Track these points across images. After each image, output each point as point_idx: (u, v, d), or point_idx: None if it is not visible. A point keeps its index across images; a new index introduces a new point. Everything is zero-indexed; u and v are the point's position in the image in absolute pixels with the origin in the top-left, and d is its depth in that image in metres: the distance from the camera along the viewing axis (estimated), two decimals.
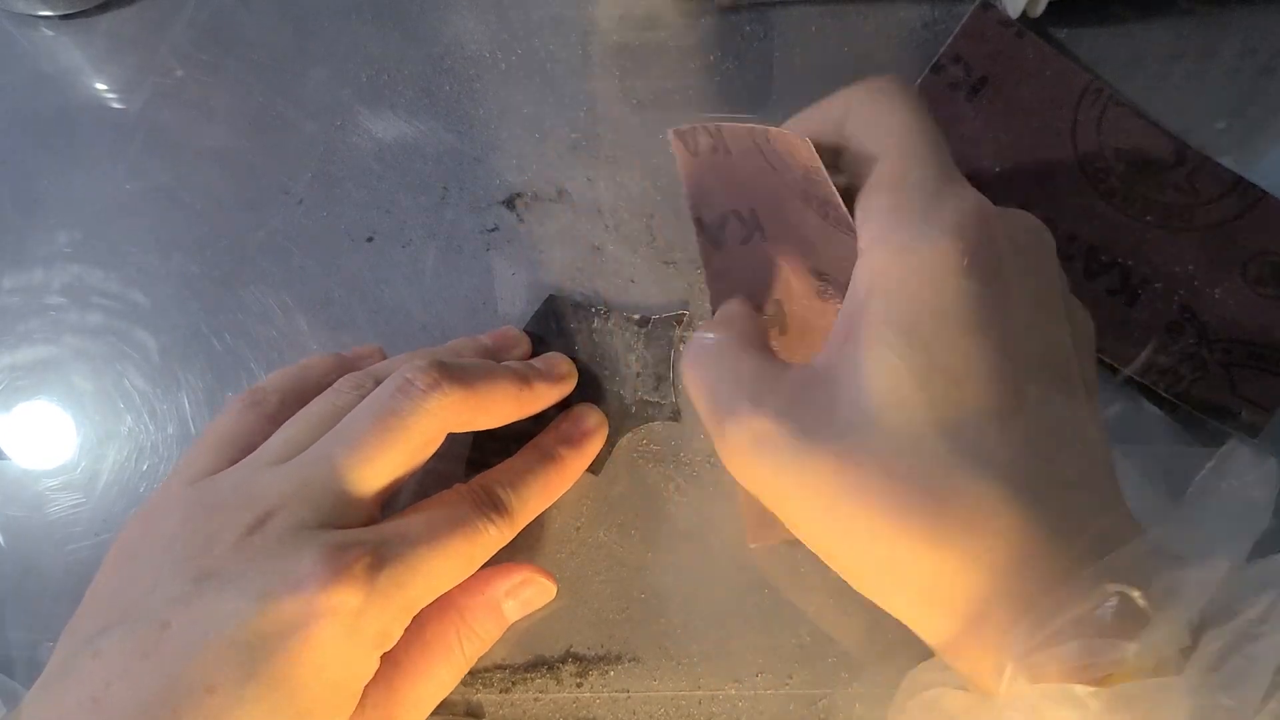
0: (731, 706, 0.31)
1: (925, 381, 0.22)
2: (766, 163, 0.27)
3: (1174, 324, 0.32)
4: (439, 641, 0.28)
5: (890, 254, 0.23)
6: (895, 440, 0.22)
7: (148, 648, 0.23)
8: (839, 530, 0.23)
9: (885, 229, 0.23)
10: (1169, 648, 0.19)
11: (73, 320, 0.36)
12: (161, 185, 0.37)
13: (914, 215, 0.23)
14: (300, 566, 0.24)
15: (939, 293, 0.22)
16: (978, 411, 0.21)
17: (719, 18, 0.37)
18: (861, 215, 0.24)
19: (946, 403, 0.21)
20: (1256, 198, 0.33)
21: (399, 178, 0.36)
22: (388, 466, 0.26)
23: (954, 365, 0.22)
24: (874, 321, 0.23)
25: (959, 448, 0.21)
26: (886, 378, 0.22)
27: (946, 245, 0.22)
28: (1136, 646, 0.19)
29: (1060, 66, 0.34)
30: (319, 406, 0.28)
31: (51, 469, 0.34)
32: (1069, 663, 0.19)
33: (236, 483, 0.26)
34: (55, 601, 0.33)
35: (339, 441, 0.26)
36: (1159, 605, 0.19)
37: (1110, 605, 0.19)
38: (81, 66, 0.38)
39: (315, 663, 0.24)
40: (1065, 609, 0.20)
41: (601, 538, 0.32)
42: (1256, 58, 0.35)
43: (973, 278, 0.22)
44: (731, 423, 0.24)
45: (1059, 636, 0.19)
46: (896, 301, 0.22)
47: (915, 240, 0.23)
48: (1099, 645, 0.19)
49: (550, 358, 0.32)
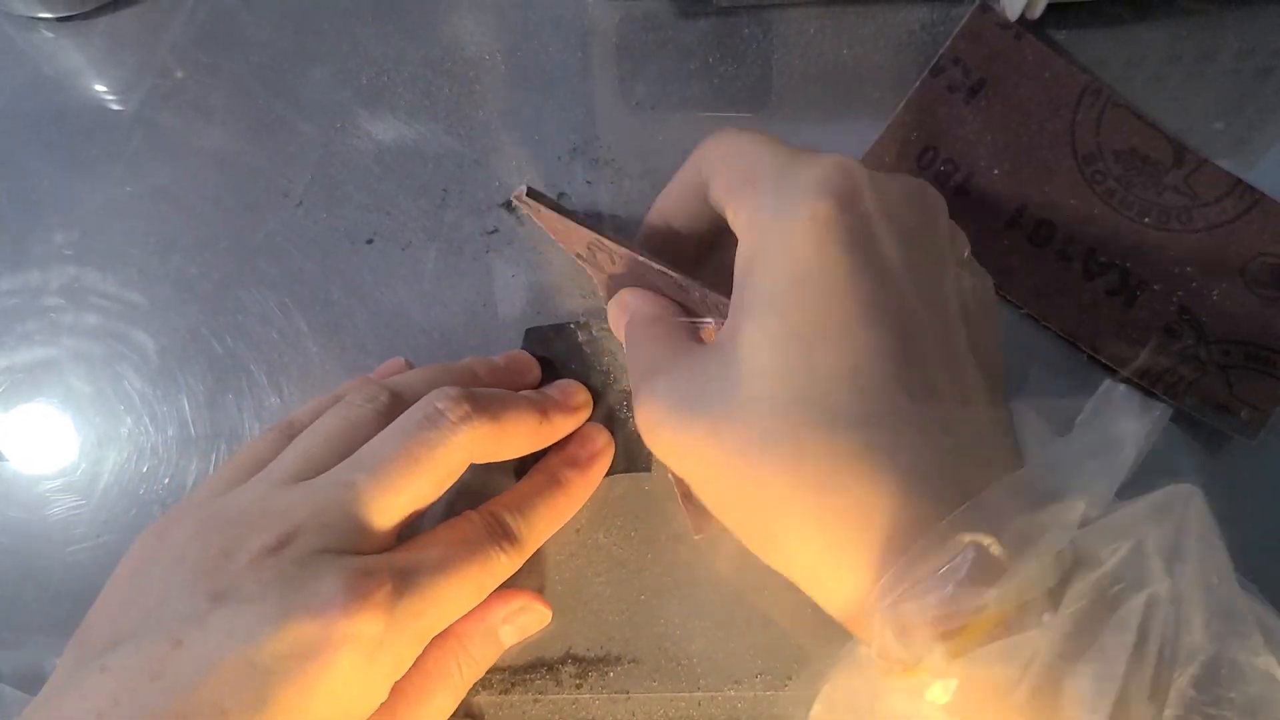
0: (731, 707, 0.31)
1: (781, 347, 0.22)
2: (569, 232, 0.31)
3: (1172, 325, 0.32)
4: (438, 668, 0.28)
5: (756, 233, 0.24)
6: (757, 407, 0.22)
7: (158, 666, 0.23)
8: (726, 500, 0.24)
9: (749, 212, 0.24)
10: (1028, 592, 0.19)
11: (71, 322, 0.36)
12: (160, 186, 0.37)
13: (769, 191, 0.24)
14: (321, 591, 0.23)
15: (796, 260, 0.23)
16: (831, 371, 0.22)
17: (718, 19, 0.37)
18: (731, 212, 0.25)
19: (802, 366, 0.22)
20: (1255, 199, 0.33)
21: (399, 180, 0.36)
22: (411, 497, 0.26)
23: (806, 328, 0.22)
24: (745, 297, 0.23)
25: (812, 408, 0.22)
26: (748, 347, 0.23)
27: (803, 212, 0.23)
28: (994, 593, 0.19)
29: (1059, 68, 0.34)
30: (331, 420, 0.28)
31: (51, 471, 0.34)
32: (931, 612, 0.19)
33: (253, 500, 0.26)
34: (55, 604, 0.33)
35: (363, 469, 0.26)
36: (1014, 551, 0.19)
37: (967, 554, 0.19)
38: (80, 68, 0.38)
39: (330, 689, 0.23)
40: (926, 559, 0.20)
41: (601, 539, 0.32)
42: (1255, 59, 0.35)
43: (829, 239, 0.22)
44: (643, 395, 0.26)
45: (922, 587, 0.19)
46: (762, 274, 0.23)
47: (774, 213, 0.23)
48: (959, 594, 0.19)
49: (566, 386, 0.32)
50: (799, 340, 0.22)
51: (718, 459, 0.23)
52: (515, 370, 0.32)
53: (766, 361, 0.22)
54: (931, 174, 0.34)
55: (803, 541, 0.22)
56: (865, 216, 0.23)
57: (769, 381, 0.22)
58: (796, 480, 0.22)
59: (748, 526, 0.24)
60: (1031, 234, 0.33)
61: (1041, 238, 0.33)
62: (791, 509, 0.22)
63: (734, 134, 0.27)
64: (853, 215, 0.23)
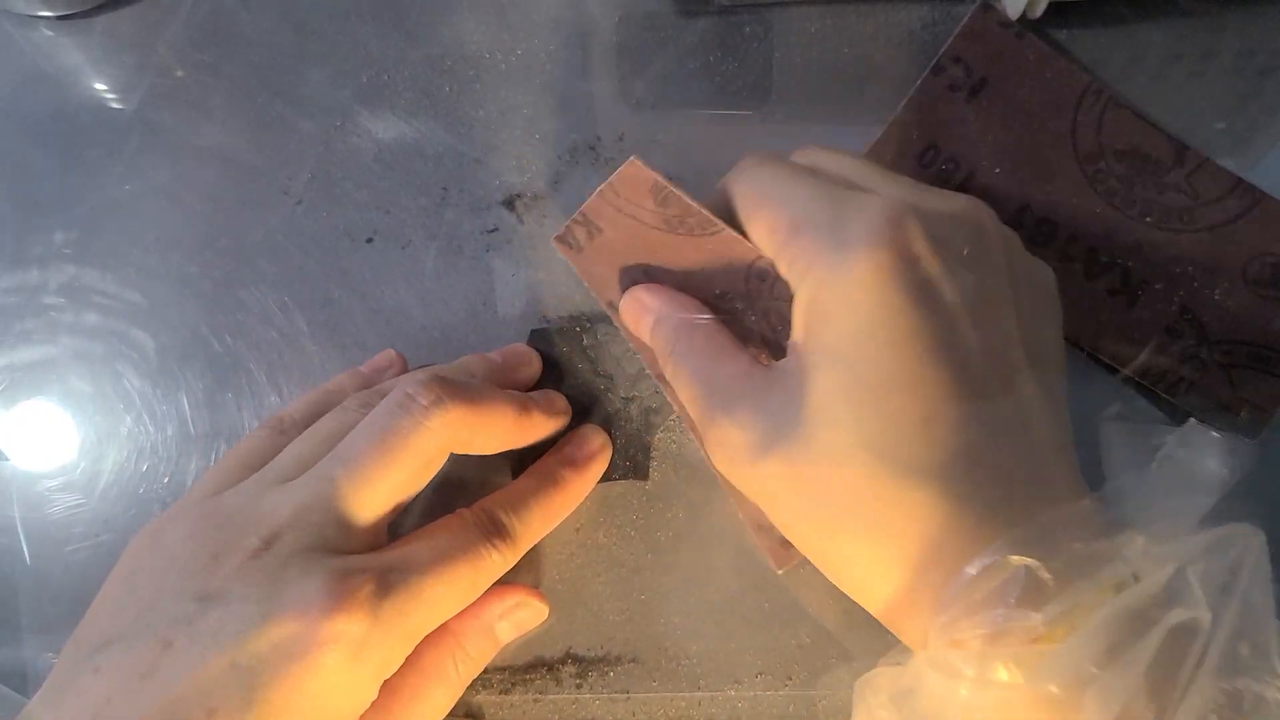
0: (731, 707, 0.31)
1: (851, 399, 0.23)
2: (631, 218, 0.30)
3: (1174, 325, 0.32)
4: (434, 666, 0.28)
5: (814, 287, 0.24)
6: (829, 454, 0.23)
7: (148, 667, 0.23)
8: (803, 534, 0.25)
9: (804, 265, 0.25)
10: (1081, 620, 0.20)
11: (70, 320, 0.36)
12: (160, 185, 0.36)
13: (823, 245, 0.24)
14: (305, 591, 0.24)
15: (860, 313, 0.23)
16: (901, 422, 0.22)
17: (719, 18, 0.37)
18: (783, 264, 0.26)
19: (872, 417, 0.23)
20: (1256, 199, 0.33)
21: (399, 178, 0.36)
22: (390, 487, 0.26)
23: (878, 380, 0.23)
24: (811, 346, 0.24)
25: (885, 458, 0.22)
26: (821, 397, 0.23)
27: (862, 266, 0.23)
28: (1041, 616, 0.20)
29: (1060, 67, 0.34)
30: (327, 424, 0.28)
31: (51, 470, 0.34)
32: (984, 631, 0.20)
33: (243, 501, 0.26)
34: (54, 603, 0.33)
35: (339, 463, 0.26)
36: (1065, 577, 0.20)
37: (1018, 576, 0.20)
38: (80, 66, 0.38)
39: (316, 689, 0.23)
40: (981, 581, 0.20)
41: (601, 539, 0.32)
42: (1256, 59, 0.35)
43: (889, 290, 0.23)
44: (712, 431, 0.26)
45: (976, 607, 0.20)
46: (826, 327, 0.24)
47: (831, 269, 0.24)
48: (1009, 614, 0.20)
49: (545, 393, 0.32)
50: (870, 391, 0.23)
51: (795, 500, 0.24)
52: (513, 365, 0.32)
53: (840, 414, 0.23)
54: (933, 173, 0.34)
55: (865, 564, 0.23)
56: (921, 260, 0.23)
57: (843, 433, 0.23)
58: (874, 524, 0.23)
59: (821, 555, 0.25)
60: (1033, 234, 0.33)
61: (1043, 237, 0.33)
62: (869, 550, 0.23)
63: (761, 170, 0.27)
64: (909, 262, 0.23)
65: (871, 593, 0.24)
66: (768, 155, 0.27)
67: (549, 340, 0.33)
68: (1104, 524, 0.21)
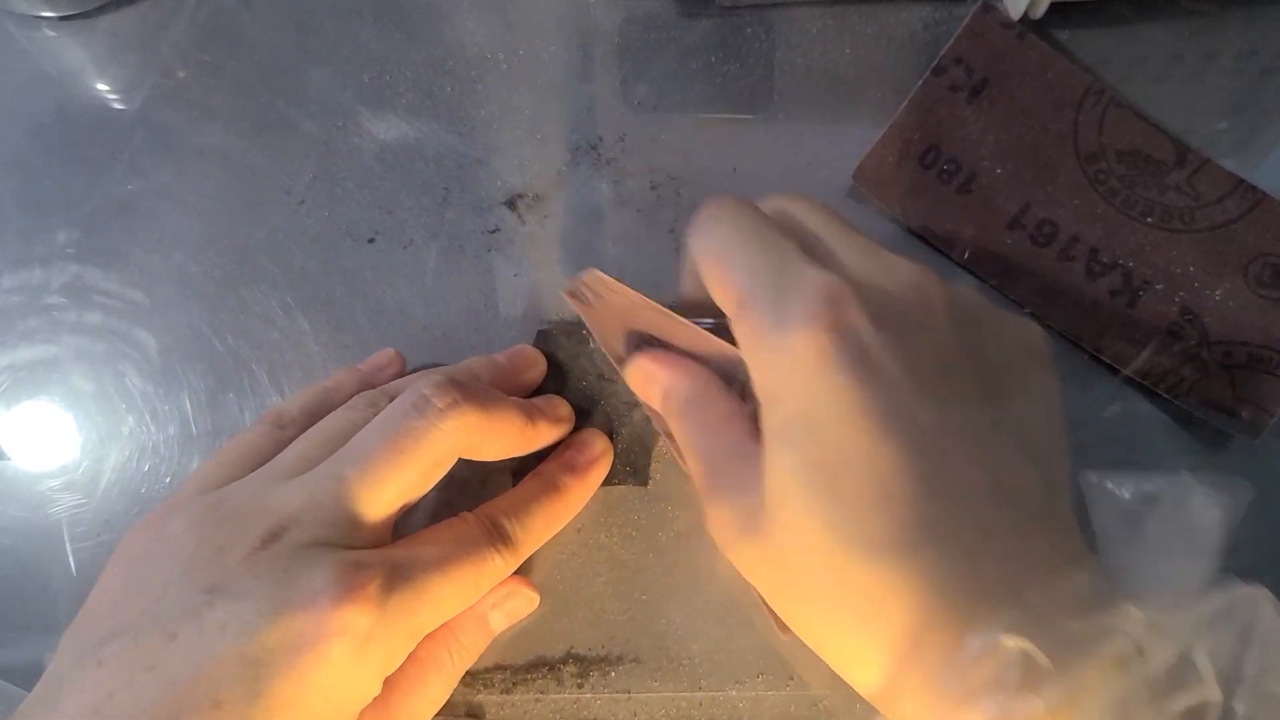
0: (732, 707, 0.31)
1: (803, 482, 0.23)
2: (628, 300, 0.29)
3: (1175, 325, 0.32)
4: (430, 657, 0.28)
5: (761, 369, 0.24)
6: (793, 538, 0.23)
7: (153, 659, 0.23)
8: (783, 610, 0.25)
9: (749, 344, 0.24)
10: (1084, 699, 0.19)
11: (73, 320, 0.36)
12: (162, 185, 0.37)
13: (765, 324, 0.24)
14: (313, 583, 0.24)
15: (802, 395, 0.23)
16: (859, 501, 0.22)
17: (719, 19, 0.37)
18: (736, 334, 0.25)
19: (828, 498, 0.22)
20: (1258, 199, 0.33)
21: (400, 178, 0.36)
22: (399, 487, 0.26)
23: (828, 460, 0.22)
24: (765, 428, 0.24)
25: (847, 540, 0.22)
26: (775, 482, 0.23)
27: (800, 347, 0.23)
28: (1041, 702, 0.19)
29: (1061, 68, 0.34)
30: (333, 422, 0.28)
31: (53, 469, 0.34)
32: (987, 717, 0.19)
33: (248, 495, 0.26)
34: (55, 603, 0.33)
35: (350, 461, 0.26)
36: (1063, 656, 0.19)
37: (1014, 660, 0.19)
38: (82, 66, 0.38)
39: (322, 681, 0.24)
40: (977, 667, 0.20)
41: (602, 539, 0.32)
42: (1257, 59, 0.35)
43: (829, 370, 0.22)
44: (707, 509, 0.26)
45: (974, 694, 0.20)
46: (773, 409, 0.24)
47: (773, 352, 0.23)
48: (1011, 700, 0.19)
49: (549, 399, 0.32)
50: (823, 472, 0.22)
51: (775, 583, 0.25)
52: (518, 367, 0.32)
53: (796, 497, 0.23)
54: (934, 174, 0.34)
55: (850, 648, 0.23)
56: (861, 336, 0.23)
57: (802, 516, 0.22)
58: (839, 601, 0.22)
59: (807, 638, 0.25)
60: (1034, 234, 0.33)
61: (1044, 237, 0.33)
62: (838, 624, 0.23)
63: (718, 228, 0.26)
64: (849, 340, 0.23)
65: (858, 676, 0.23)
66: (728, 205, 0.26)
67: (554, 342, 0.33)
68: (1100, 596, 0.21)
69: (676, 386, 0.28)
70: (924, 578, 0.21)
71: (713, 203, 0.26)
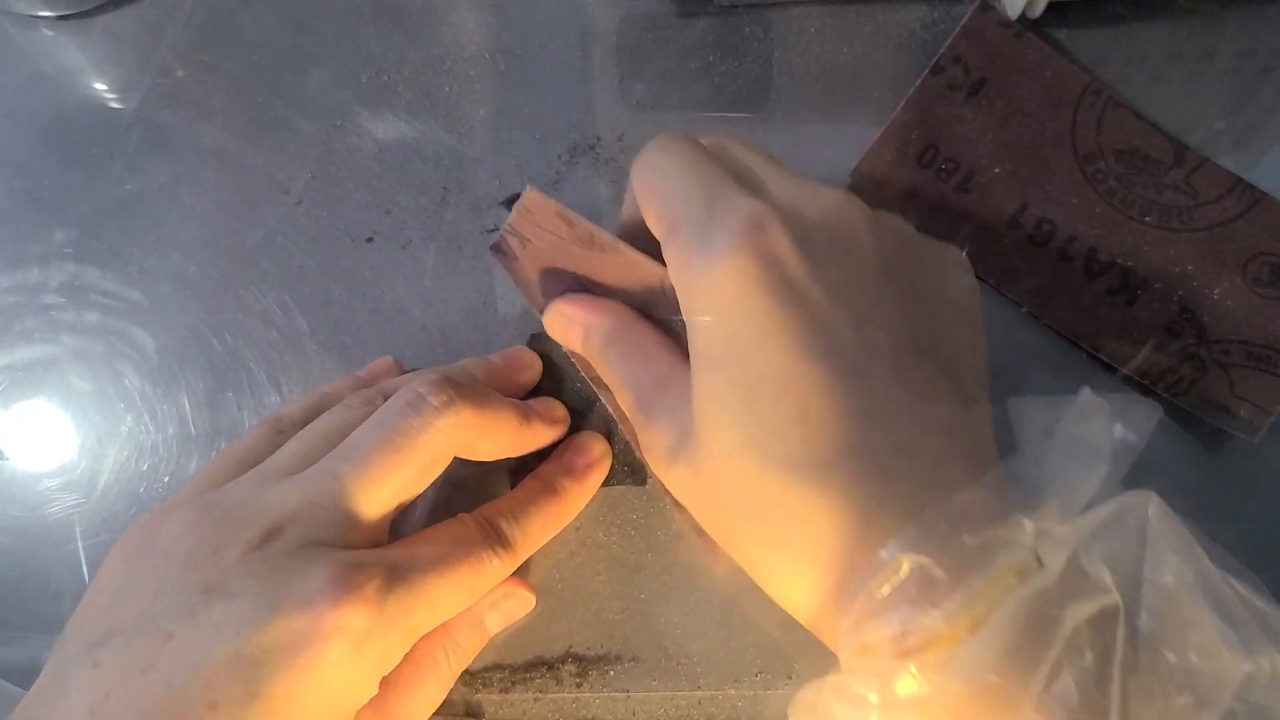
0: (731, 706, 0.31)
1: (727, 402, 0.23)
2: (552, 234, 0.30)
3: (1173, 324, 0.32)
4: (427, 658, 0.28)
5: (685, 293, 0.25)
6: (718, 457, 0.23)
7: (149, 660, 0.23)
8: (715, 532, 0.25)
9: (676, 267, 0.25)
10: (980, 609, 0.19)
11: (71, 320, 0.36)
12: (160, 185, 0.37)
13: (692, 247, 0.24)
14: (310, 583, 0.24)
15: (725, 317, 0.23)
16: (778, 420, 0.22)
17: (717, 18, 0.37)
18: (666, 259, 0.26)
19: (749, 417, 0.23)
20: (1256, 198, 0.33)
21: (399, 178, 0.36)
22: (395, 485, 0.26)
23: (750, 381, 0.23)
24: (691, 352, 0.24)
25: (768, 458, 0.22)
26: (701, 403, 0.24)
27: (723, 271, 0.23)
28: (939, 613, 0.19)
29: (1059, 67, 0.34)
30: (328, 421, 0.28)
31: (51, 469, 0.34)
32: (890, 631, 0.20)
33: (243, 495, 0.26)
34: (55, 602, 0.33)
35: (345, 459, 0.26)
36: (958, 570, 0.20)
37: (913, 575, 0.20)
38: (80, 66, 0.38)
39: (319, 682, 0.23)
40: (878, 581, 0.20)
41: (601, 538, 0.32)
42: (1255, 58, 0.35)
43: (752, 293, 0.23)
44: (641, 435, 0.27)
45: (878, 608, 0.20)
46: (699, 333, 0.24)
47: (698, 272, 0.24)
48: (911, 614, 0.20)
49: (546, 401, 0.32)
50: (745, 393, 0.23)
51: (705, 505, 0.25)
52: (514, 368, 0.32)
53: (720, 417, 0.23)
54: (932, 173, 0.34)
55: (778, 570, 0.23)
56: (784, 261, 0.23)
57: (726, 436, 0.23)
58: (764, 521, 0.23)
59: (741, 560, 0.25)
60: (1032, 233, 0.33)
61: (1042, 236, 0.33)
62: (765, 544, 0.23)
63: (659, 156, 0.27)
64: (772, 264, 0.23)
65: (789, 599, 0.23)
66: (672, 137, 0.27)
67: (550, 344, 0.33)
68: (998, 509, 0.21)
69: (597, 325, 0.29)
70: (840, 496, 0.21)
71: (660, 135, 0.27)
